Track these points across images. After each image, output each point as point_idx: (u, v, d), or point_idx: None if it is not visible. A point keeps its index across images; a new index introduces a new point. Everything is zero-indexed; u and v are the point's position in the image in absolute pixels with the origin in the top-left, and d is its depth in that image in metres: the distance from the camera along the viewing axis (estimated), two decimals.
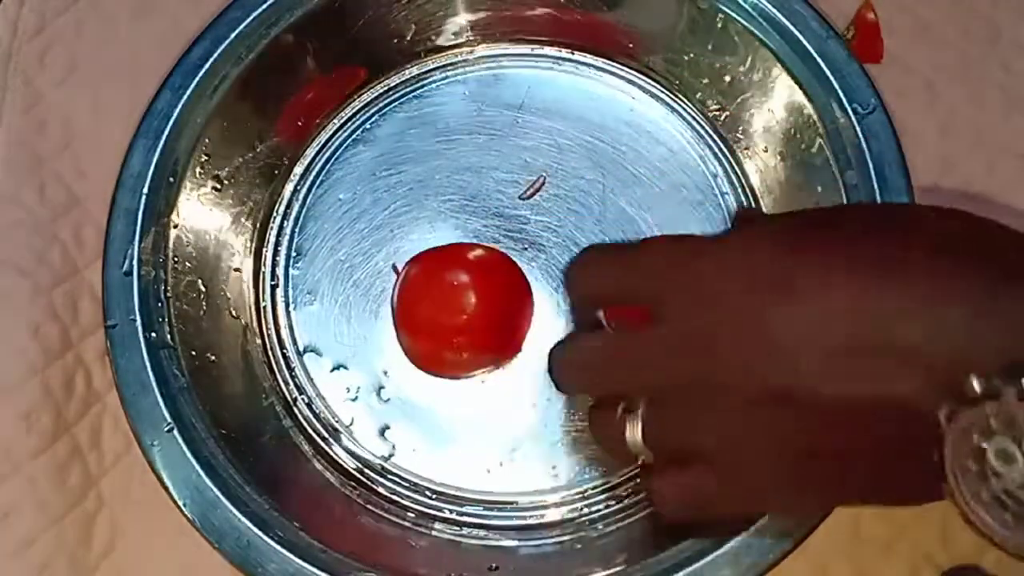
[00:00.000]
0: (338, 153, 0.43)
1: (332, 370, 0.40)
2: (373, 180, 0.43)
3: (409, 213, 0.42)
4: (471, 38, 0.45)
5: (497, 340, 0.40)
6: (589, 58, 0.44)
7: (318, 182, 0.43)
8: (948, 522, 0.38)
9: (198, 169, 0.40)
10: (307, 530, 0.35)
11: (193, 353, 0.38)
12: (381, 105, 0.44)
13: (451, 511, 0.38)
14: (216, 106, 0.40)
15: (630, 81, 0.44)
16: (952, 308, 0.24)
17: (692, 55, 0.42)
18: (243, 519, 0.34)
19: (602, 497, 0.38)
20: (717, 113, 0.42)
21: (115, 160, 0.39)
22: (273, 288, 0.42)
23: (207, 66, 0.40)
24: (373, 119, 0.44)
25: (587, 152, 0.42)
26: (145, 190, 0.38)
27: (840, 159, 0.37)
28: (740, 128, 0.42)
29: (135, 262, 0.37)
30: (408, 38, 0.44)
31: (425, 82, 0.44)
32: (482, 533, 0.38)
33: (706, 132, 0.43)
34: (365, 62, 0.44)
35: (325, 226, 0.42)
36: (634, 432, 0.30)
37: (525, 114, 0.43)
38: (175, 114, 0.39)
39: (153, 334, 0.37)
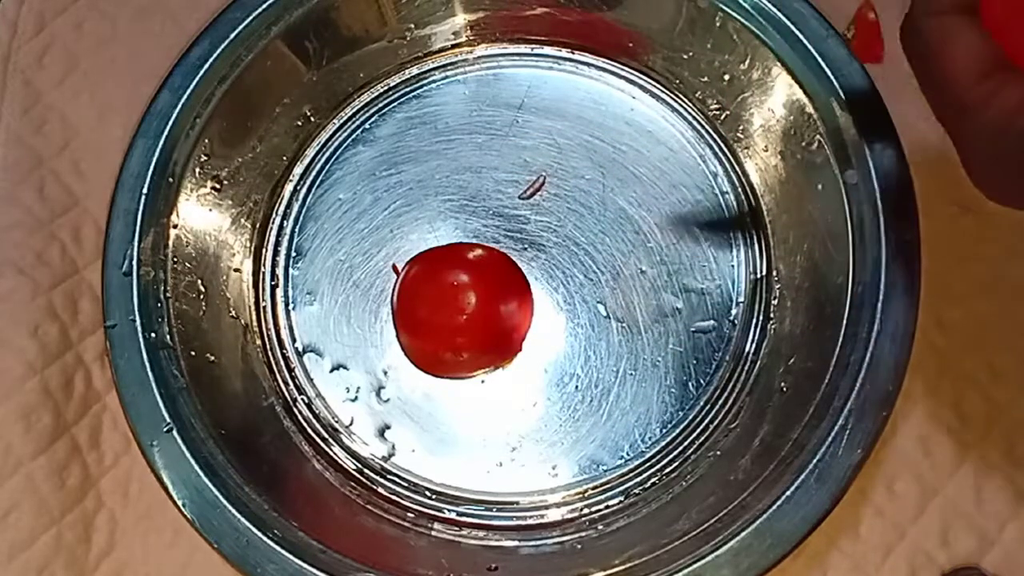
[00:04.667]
0: (338, 153, 0.43)
1: (332, 370, 0.40)
2: (373, 180, 0.43)
3: (409, 213, 0.42)
4: (470, 38, 0.45)
5: (497, 340, 0.40)
6: (589, 58, 0.44)
7: (318, 182, 0.43)
8: (948, 522, 0.38)
9: (198, 169, 0.40)
10: (307, 530, 0.34)
11: (193, 353, 0.38)
12: (381, 105, 0.44)
13: (451, 511, 0.38)
14: (216, 106, 0.40)
15: (630, 81, 0.44)
16: None
17: (692, 54, 0.42)
18: (243, 519, 0.34)
19: (602, 497, 0.38)
20: (717, 112, 0.42)
21: (115, 160, 0.39)
22: (273, 288, 0.42)
23: (207, 66, 0.40)
24: (373, 119, 0.44)
25: (587, 152, 0.42)
26: (145, 190, 0.38)
27: (840, 158, 0.37)
28: (740, 127, 0.42)
29: (135, 262, 0.37)
30: (407, 38, 0.44)
31: (425, 82, 0.44)
32: (482, 533, 0.38)
33: (706, 131, 0.42)
34: (364, 62, 0.44)
35: (325, 226, 0.42)
36: None
37: (525, 114, 0.43)
38: (175, 114, 0.39)
39: (152, 334, 0.37)
